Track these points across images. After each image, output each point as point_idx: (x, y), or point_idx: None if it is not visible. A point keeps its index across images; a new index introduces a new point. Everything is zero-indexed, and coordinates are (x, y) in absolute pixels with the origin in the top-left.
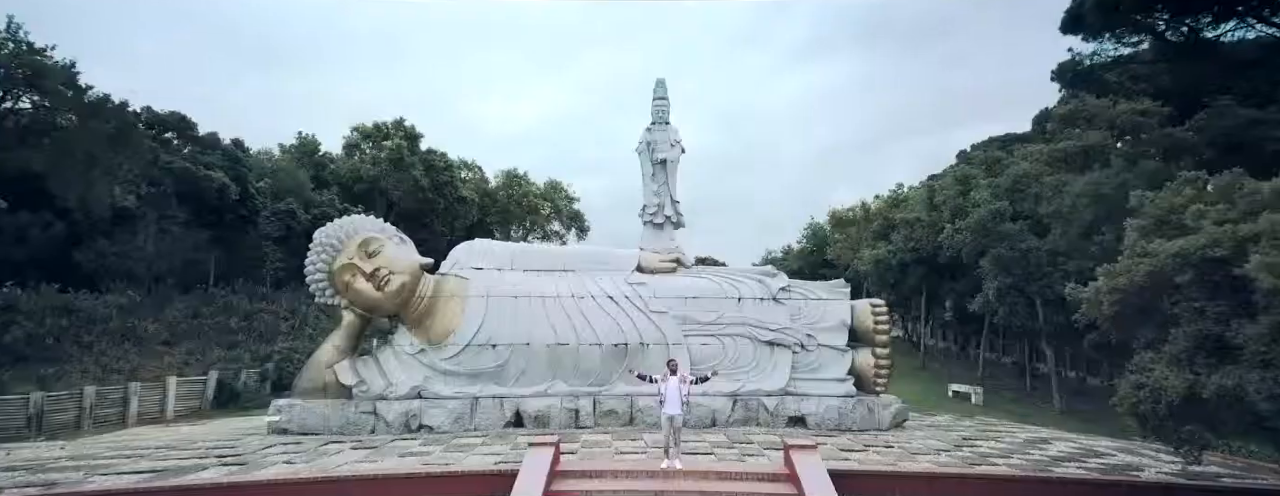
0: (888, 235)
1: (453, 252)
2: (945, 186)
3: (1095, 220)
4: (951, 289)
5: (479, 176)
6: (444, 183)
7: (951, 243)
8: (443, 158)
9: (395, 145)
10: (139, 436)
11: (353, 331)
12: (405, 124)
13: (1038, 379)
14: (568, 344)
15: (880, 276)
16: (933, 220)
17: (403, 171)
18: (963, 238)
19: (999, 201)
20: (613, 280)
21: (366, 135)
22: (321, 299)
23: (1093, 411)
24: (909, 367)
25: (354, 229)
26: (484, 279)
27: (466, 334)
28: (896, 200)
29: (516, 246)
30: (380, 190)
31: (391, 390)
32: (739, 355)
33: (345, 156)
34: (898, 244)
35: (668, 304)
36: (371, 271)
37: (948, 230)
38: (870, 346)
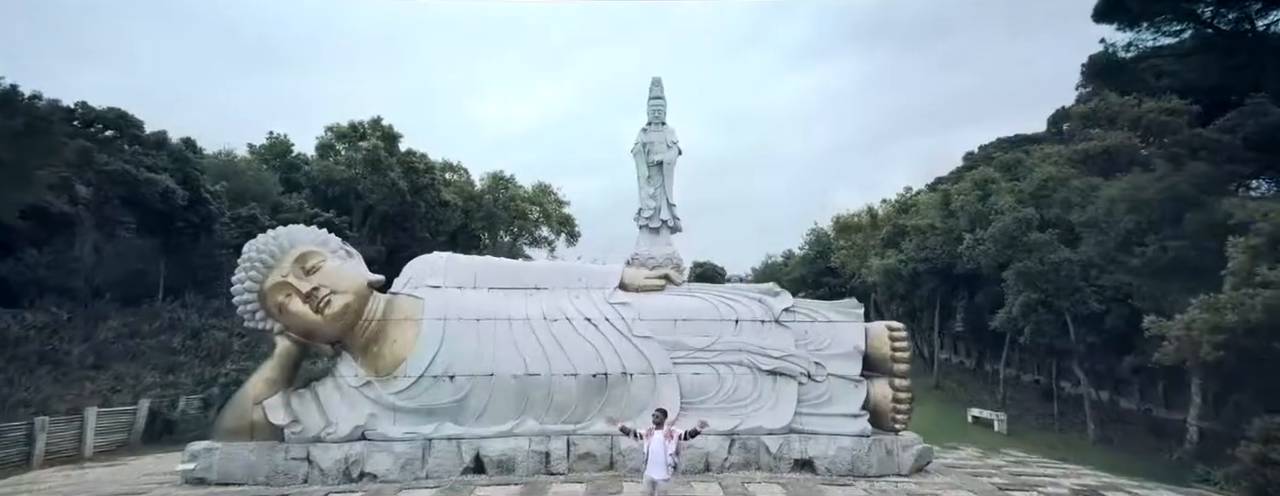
0: (898, 243)
1: (407, 268)
2: (963, 191)
3: (1137, 229)
4: (968, 301)
5: (464, 179)
6: (424, 186)
7: (972, 254)
8: (423, 159)
9: (372, 146)
10: (31, 484)
11: (287, 361)
12: (383, 123)
13: (1065, 401)
14: (538, 375)
15: (889, 287)
16: (949, 228)
17: (380, 174)
18: (985, 248)
19: (1024, 208)
20: (592, 300)
21: (341, 135)
22: (251, 323)
23: (1130, 441)
24: (922, 388)
25: (290, 242)
26: (441, 299)
27: (420, 363)
28: (905, 205)
29: (480, 261)
30: (356, 193)
31: (330, 431)
32: (737, 386)
33: (319, 158)
34: (909, 252)
35: (654, 327)
36: (309, 291)
37: (967, 240)
38: (887, 376)
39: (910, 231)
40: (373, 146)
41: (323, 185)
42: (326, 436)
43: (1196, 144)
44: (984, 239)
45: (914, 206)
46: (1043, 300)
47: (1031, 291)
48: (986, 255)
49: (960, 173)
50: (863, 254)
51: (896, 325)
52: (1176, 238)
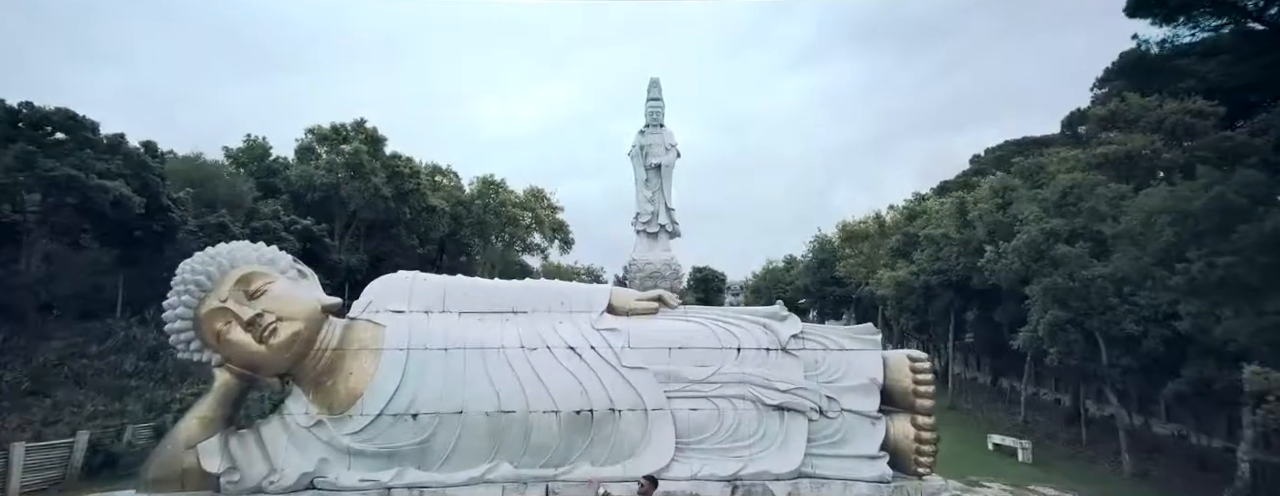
0: (909, 253)
1: (367, 290)
2: (981, 199)
3: (1179, 243)
4: (985, 315)
5: (454, 183)
6: (410, 191)
7: (993, 268)
8: (408, 163)
9: (354, 149)
10: None
11: (226, 397)
12: (366, 125)
13: (1094, 426)
14: (514, 411)
15: (900, 300)
16: (965, 238)
17: (362, 179)
18: (1007, 262)
19: (1050, 219)
20: (576, 325)
21: (323, 138)
22: (185, 354)
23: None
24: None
25: (230, 261)
26: (405, 325)
27: (379, 399)
28: (914, 212)
29: (450, 281)
30: (338, 199)
31: (274, 479)
32: (739, 424)
33: (298, 162)
34: (922, 263)
35: (647, 356)
36: (252, 318)
37: (988, 253)
38: (909, 412)
39: (923, 241)
40: (355, 149)
41: (302, 190)
42: (269, 485)
43: (1225, 147)
44: (1007, 252)
45: (924, 213)
46: (1072, 319)
47: (1059, 309)
48: (1009, 269)
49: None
50: (871, 263)
51: (919, 355)
52: (1226, 252)
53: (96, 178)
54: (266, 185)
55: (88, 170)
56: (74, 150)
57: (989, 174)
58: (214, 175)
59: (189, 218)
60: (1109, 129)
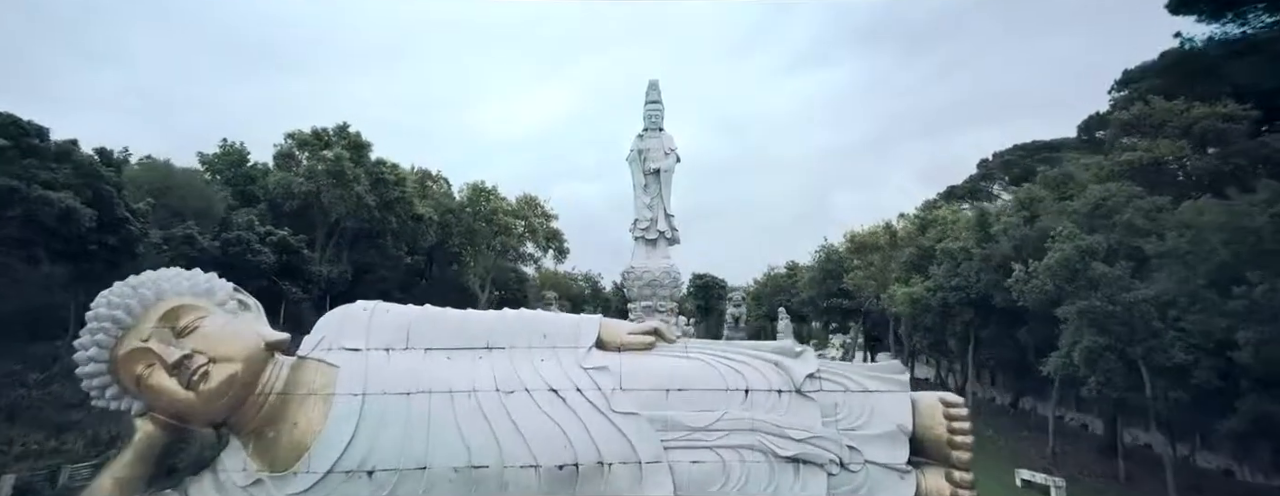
0: (924, 267)
1: (321, 323)
2: (1006, 211)
3: (1236, 262)
4: (1007, 334)
5: (443, 190)
6: (395, 199)
7: (1023, 288)
8: (393, 170)
9: (335, 155)
10: None
11: (148, 452)
12: (350, 130)
13: (1132, 459)
14: (487, 467)
15: (916, 319)
16: (987, 253)
17: (344, 186)
18: (1039, 282)
19: (1087, 235)
20: (560, 363)
21: (303, 143)
22: (101, 402)
23: None
24: None
25: (156, 292)
26: (361, 365)
27: (328, 453)
28: (927, 222)
29: (415, 312)
30: (319, 208)
31: None
32: (748, 478)
33: (277, 168)
34: (939, 279)
35: (641, 399)
36: (179, 359)
37: (1017, 272)
38: (943, 464)
39: (939, 255)
40: (337, 156)
41: (280, 199)
42: None
43: (1262, 154)
44: (1038, 271)
45: (936, 222)
46: (1111, 345)
47: (1097, 334)
48: (1040, 290)
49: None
50: (881, 277)
51: (954, 399)
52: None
53: (41, 188)
54: (244, 193)
55: (31, 180)
56: (16, 158)
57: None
58: (184, 183)
59: (150, 230)
60: (1132, 134)
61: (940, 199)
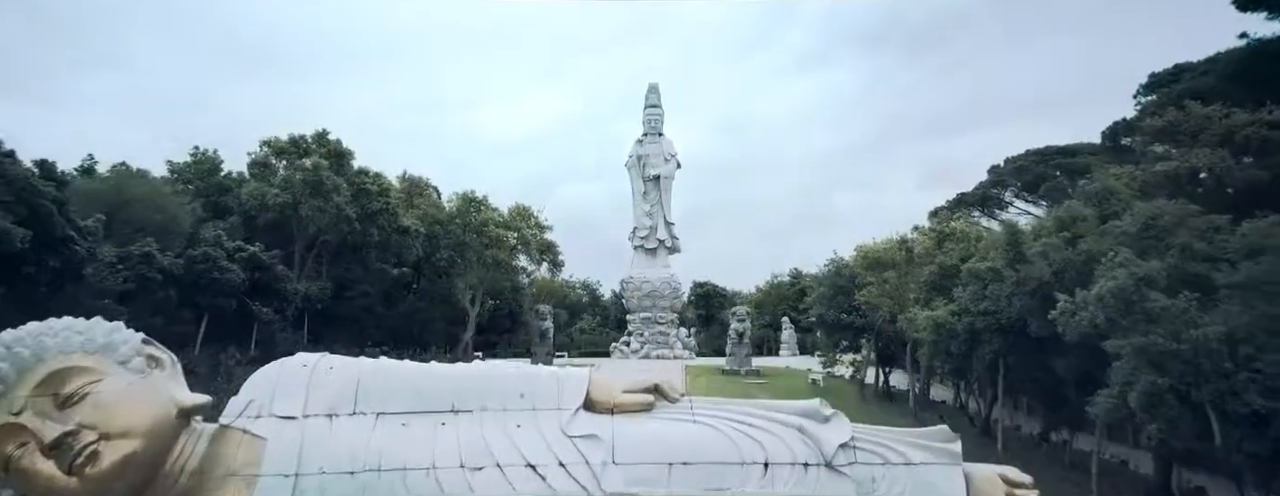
0: (946, 287)
1: (251, 381)
2: (1042, 230)
3: None
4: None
5: (432, 200)
6: (378, 210)
7: (1070, 321)
8: (376, 180)
9: (313, 164)
10: None
11: None
12: (329, 138)
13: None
14: None
15: (940, 346)
16: (1022, 276)
17: (322, 197)
18: (1089, 315)
19: (1145, 262)
20: (540, 430)
21: (280, 151)
22: None
23: None
24: None
25: (36, 351)
26: (295, 437)
27: None
28: (943, 235)
29: (367, 367)
30: (297, 221)
31: None
32: None
33: (252, 178)
34: (964, 302)
35: (638, 475)
36: (58, 438)
37: (1063, 303)
38: None
39: (966, 277)
40: (315, 165)
41: (255, 211)
42: None
43: None
44: (1087, 302)
45: (952, 235)
46: (1173, 387)
47: (1156, 374)
48: (1089, 322)
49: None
50: (898, 296)
51: (1018, 477)
52: None
53: None
54: (217, 205)
55: None
56: None
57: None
58: (144, 196)
59: (101, 248)
60: (1165, 141)
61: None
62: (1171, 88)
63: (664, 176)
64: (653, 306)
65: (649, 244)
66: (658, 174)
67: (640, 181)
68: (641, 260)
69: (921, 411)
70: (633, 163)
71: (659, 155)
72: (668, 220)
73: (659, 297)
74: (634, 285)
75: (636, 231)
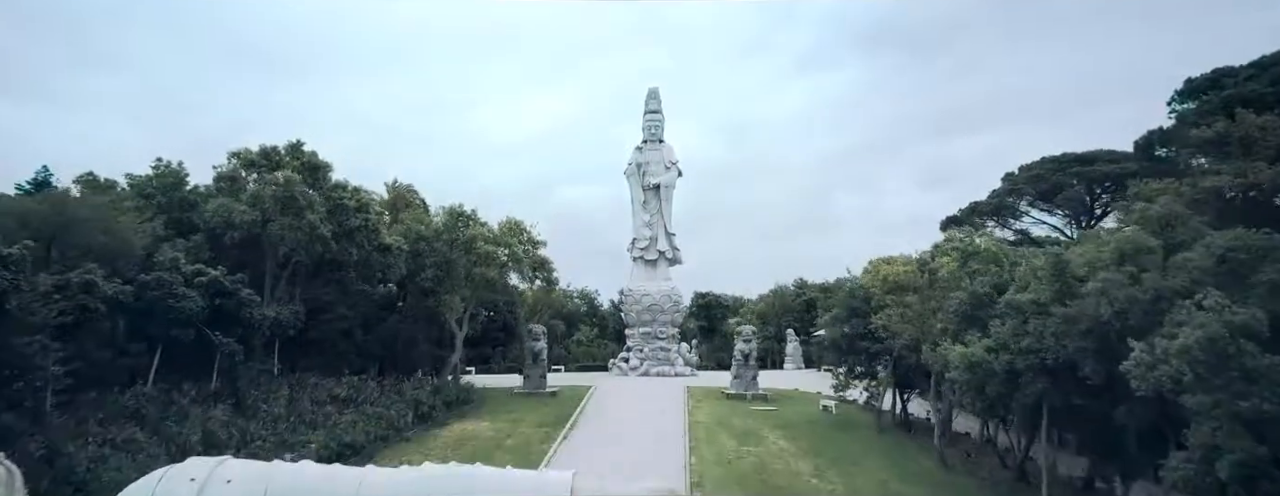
0: (983, 320)
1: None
2: (1098, 258)
3: None
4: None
5: (418, 214)
6: (356, 227)
7: (1148, 376)
8: (355, 194)
9: (285, 179)
10: None
11: None
12: (304, 149)
13: None
14: None
15: (974, 384)
16: (1075, 313)
17: (295, 214)
18: (1169, 369)
19: (1241, 309)
20: None
21: (249, 164)
22: None
23: None
24: None
25: None
26: None
27: None
28: (967, 252)
29: (277, 476)
30: (267, 240)
31: None
32: None
33: (217, 193)
34: (1003, 338)
35: None
36: None
37: (1137, 353)
38: None
39: (1004, 310)
40: (286, 179)
41: (220, 229)
42: None
43: None
44: (1167, 354)
45: (978, 254)
46: (1272, 455)
47: (1253, 442)
48: (1172, 377)
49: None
50: (921, 324)
51: None
52: None
53: None
54: (181, 223)
55: None
56: None
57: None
58: (92, 216)
59: (23, 280)
60: (1211, 154)
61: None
62: (1213, 94)
63: (664, 185)
64: (652, 321)
65: (649, 255)
66: (658, 182)
67: (640, 190)
68: (641, 272)
69: (946, 447)
70: (632, 171)
71: (659, 163)
72: (669, 231)
73: (659, 311)
74: (633, 298)
75: (636, 242)
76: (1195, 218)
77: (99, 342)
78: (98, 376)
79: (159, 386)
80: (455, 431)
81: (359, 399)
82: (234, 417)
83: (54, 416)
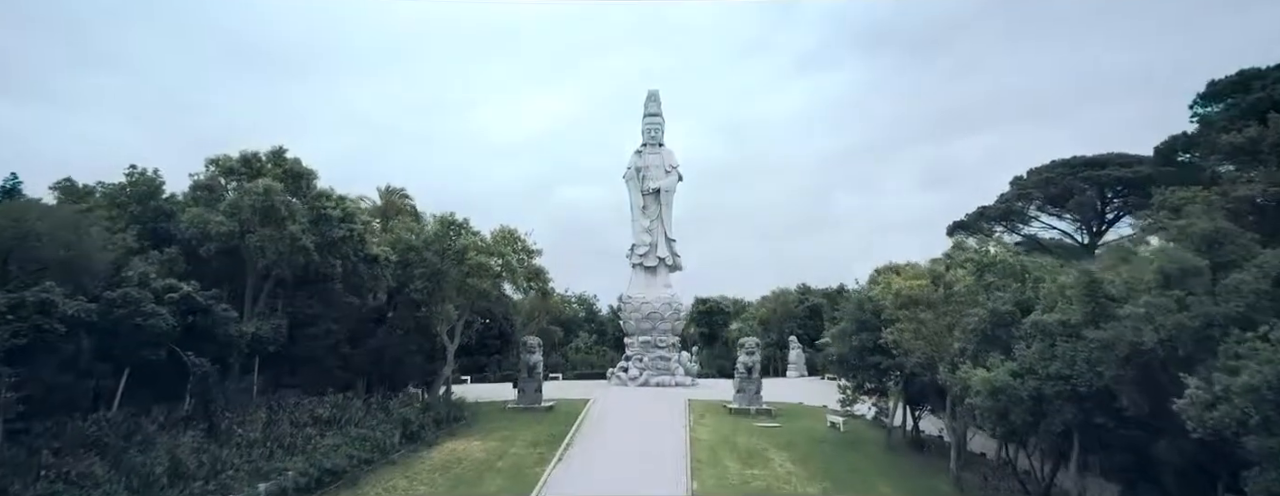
0: (1005, 341)
1: None
2: (1138, 279)
3: None
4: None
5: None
6: (340, 238)
7: (1205, 417)
8: (340, 204)
9: (264, 188)
10: None
11: None
12: (286, 156)
13: None
14: None
15: (1000, 412)
16: (1111, 338)
17: (275, 225)
18: (1232, 410)
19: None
20: None
21: (229, 171)
22: None
23: None
24: None
25: None
26: None
27: None
28: (982, 264)
29: None
30: (247, 252)
31: None
32: None
33: (193, 203)
34: (1029, 361)
35: None
36: None
37: (1195, 393)
38: None
39: (1031, 332)
40: (266, 188)
41: (196, 241)
42: None
43: None
44: (1230, 391)
45: (993, 266)
46: None
47: None
48: (1235, 418)
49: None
50: (937, 343)
51: None
52: None
53: None
54: (158, 234)
55: None
56: None
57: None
58: (55, 229)
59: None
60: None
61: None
62: (1241, 98)
63: (664, 190)
64: (652, 329)
65: (648, 262)
66: (658, 187)
67: (639, 195)
68: (640, 279)
69: (962, 469)
70: (631, 175)
71: (659, 167)
72: (669, 237)
73: (659, 320)
74: (632, 306)
75: (635, 248)
76: (1245, 234)
77: (60, 365)
78: (58, 402)
79: (125, 411)
80: (445, 452)
81: (343, 419)
82: (206, 443)
83: (3, 448)
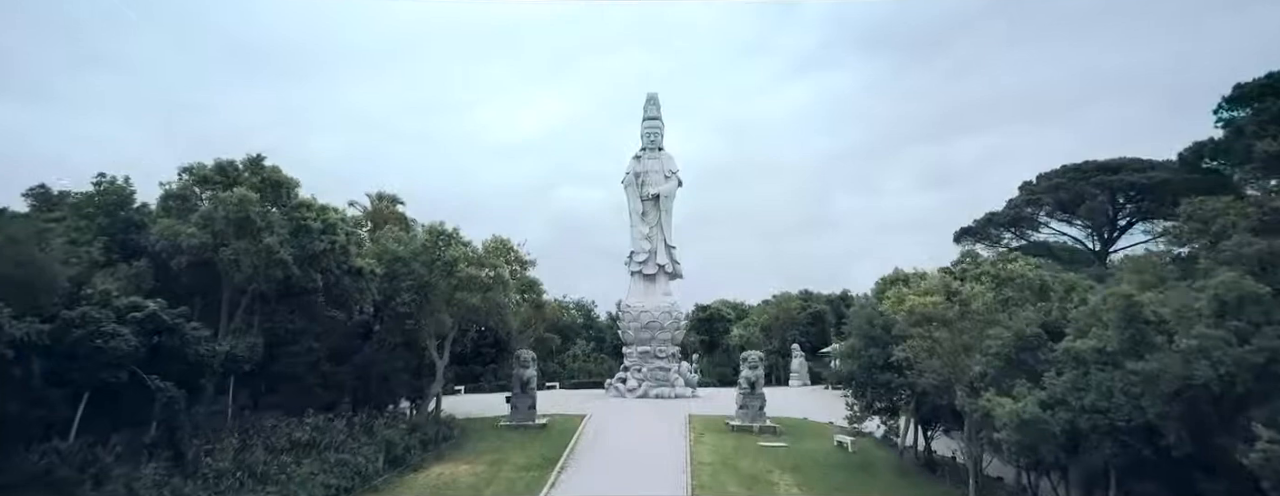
0: (1031, 366)
1: None
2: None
3: None
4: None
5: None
6: (322, 251)
7: (1275, 469)
8: (321, 214)
9: (239, 198)
10: None
11: None
12: (264, 164)
13: None
14: None
15: (1028, 447)
16: (1157, 369)
17: (251, 237)
18: None
19: None
20: None
21: (203, 180)
22: None
23: None
24: None
25: None
26: None
27: None
28: (1001, 278)
29: None
30: (222, 266)
31: None
32: None
33: (163, 214)
34: (1060, 391)
35: None
36: None
37: (1268, 446)
38: None
39: (1063, 358)
40: (241, 198)
41: (167, 255)
42: None
43: None
44: None
45: (1011, 280)
46: None
47: None
48: None
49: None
50: (954, 363)
51: None
52: None
53: None
54: (128, 246)
55: None
56: None
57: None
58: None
59: None
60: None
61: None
62: (1269, 102)
63: (664, 195)
64: (651, 339)
65: (647, 269)
66: (657, 193)
67: (638, 201)
68: (639, 287)
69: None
70: (630, 181)
71: (658, 172)
72: (668, 243)
73: (658, 329)
74: (631, 314)
75: (634, 256)
76: None
77: (9, 393)
78: (4, 433)
79: (82, 440)
80: (432, 476)
81: (323, 442)
82: (170, 475)
83: None
